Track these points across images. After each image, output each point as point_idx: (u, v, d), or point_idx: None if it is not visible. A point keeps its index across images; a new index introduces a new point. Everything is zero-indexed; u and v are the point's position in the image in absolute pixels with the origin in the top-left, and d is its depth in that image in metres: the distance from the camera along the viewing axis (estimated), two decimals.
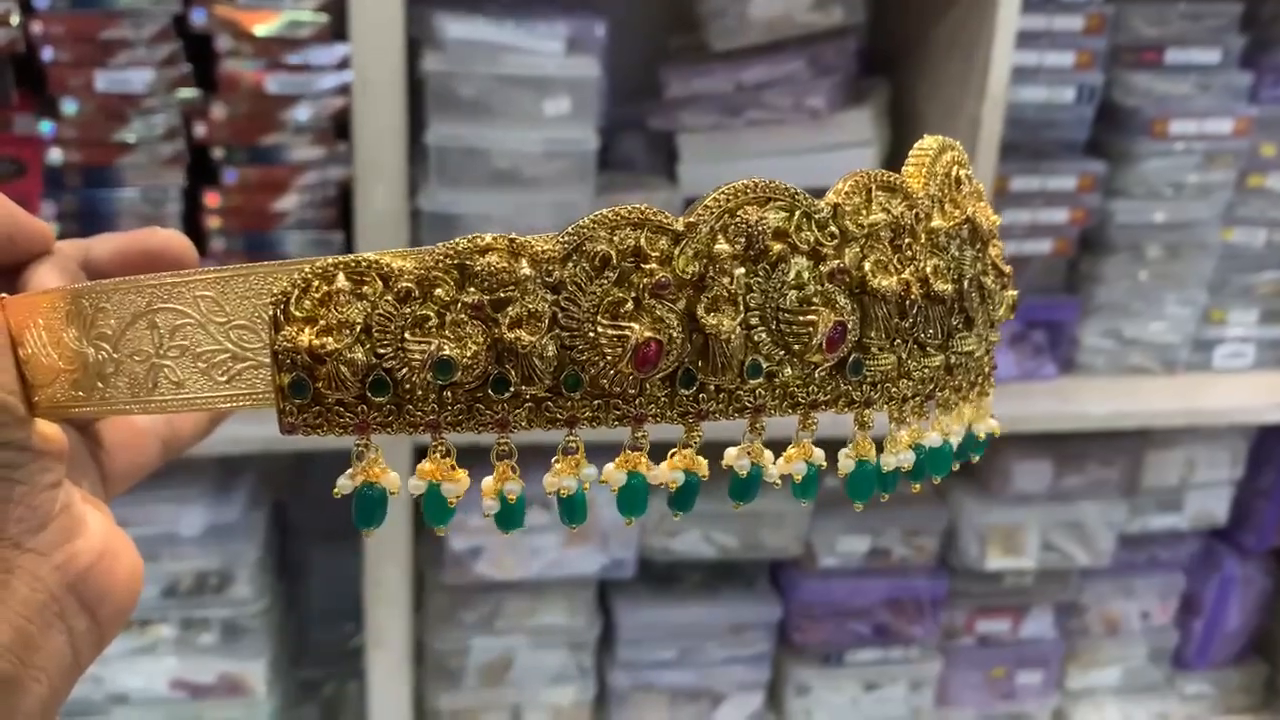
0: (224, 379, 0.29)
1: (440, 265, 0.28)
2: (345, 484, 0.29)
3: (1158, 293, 1.22)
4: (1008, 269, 0.36)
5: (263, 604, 1.13)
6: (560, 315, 0.28)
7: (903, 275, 0.30)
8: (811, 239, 0.29)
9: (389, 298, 0.28)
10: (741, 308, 0.28)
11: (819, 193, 0.30)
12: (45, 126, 0.96)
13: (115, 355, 0.30)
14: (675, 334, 0.28)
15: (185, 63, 0.97)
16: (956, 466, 0.34)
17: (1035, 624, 1.34)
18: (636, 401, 0.28)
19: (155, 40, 0.95)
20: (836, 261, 0.29)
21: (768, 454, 0.30)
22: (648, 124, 1.13)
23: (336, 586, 1.22)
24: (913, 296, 0.30)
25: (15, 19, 0.93)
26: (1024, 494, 1.26)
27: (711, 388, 0.29)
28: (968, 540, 1.27)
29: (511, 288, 0.27)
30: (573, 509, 0.30)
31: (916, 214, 0.31)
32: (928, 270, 0.31)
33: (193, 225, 1.01)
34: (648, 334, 0.28)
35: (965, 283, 0.32)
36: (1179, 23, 1.15)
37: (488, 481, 0.29)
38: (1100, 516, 1.28)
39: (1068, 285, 1.24)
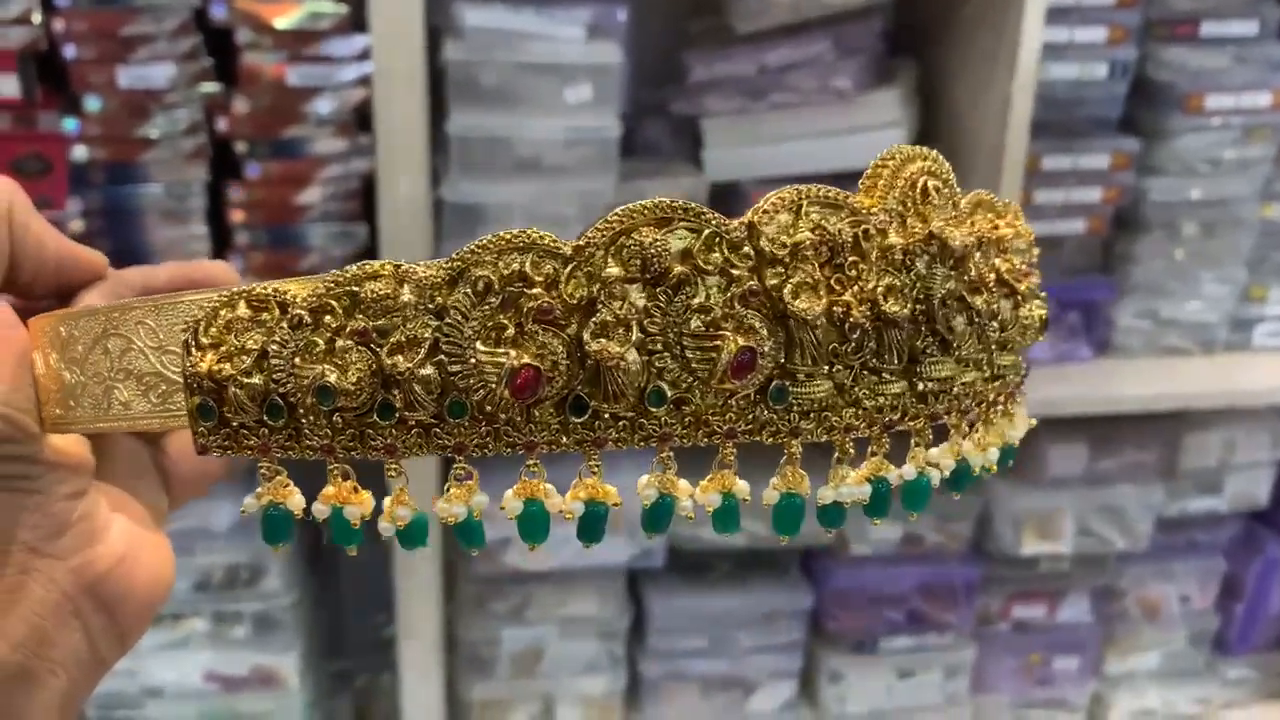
0: (158, 401, 0.30)
1: (331, 292, 0.28)
2: (251, 503, 0.30)
3: (1194, 271, 1.20)
4: (1025, 284, 0.34)
5: (294, 596, 1.14)
6: (442, 341, 0.27)
7: (841, 297, 0.29)
8: (720, 260, 0.28)
9: (284, 324, 0.28)
10: (636, 332, 0.27)
11: (845, 176, 0.29)
12: (69, 124, 0.96)
13: (82, 378, 0.32)
14: (559, 360, 0.27)
15: (206, 57, 0.97)
16: (954, 497, 0.33)
17: (1072, 609, 1.33)
18: (526, 429, 0.28)
19: (176, 35, 0.95)
20: (750, 284, 0.28)
21: (682, 484, 0.29)
22: (671, 109, 1.12)
23: (367, 578, 1.22)
24: (854, 319, 0.29)
25: (37, 17, 0.93)
26: (1059, 478, 1.24)
27: (607, 415, 0.28)
28: (1003, 526, 1.26)
29: (395, 314, 0.28)
30: (468, 534, 0.29)
31: (865, 230, 0.29)
32: (878, 291, 0.29)
33: (216, 219, 1.01)
34: (525, 360, 0.27)
35: (934, 303, 0.30)
36: None
37: (386, 503, 0.30)
38: (1138, 500, 1.26)
39: (1102, 265, 1.22)
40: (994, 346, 0.33)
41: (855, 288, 0.29)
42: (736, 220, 0.28)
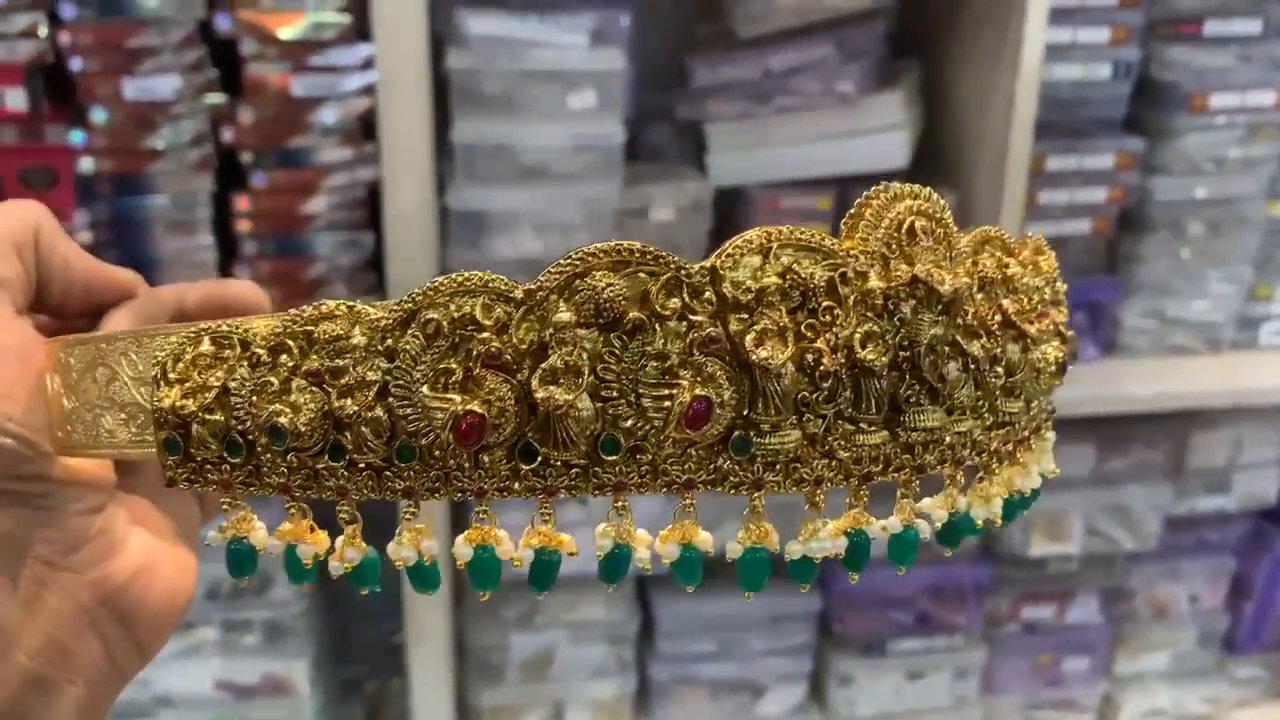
0: (137, 431, 0.31)
1: (289, 331, 0.28)
2: (215, 537, 0.31)
3: (1200, 270, 1.20)
4: (1037, 326, 0.32)
5: (304, 604, 1.14)
6: (392, 384, 0.27)
7: (812, 344, 0.27)
8: (678, 306, 0.27)
9: (244, 363, 0.29)
10: (588, 379, 0.26)
11: (849, 180, 0.28)
12: (76, 136, 0.97)
13: (76, 404, 0.32)
14: (507, 406, 0.27)
15: (211, 68, 0.98)
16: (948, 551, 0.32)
17: (1081, 610, 1.32)
18: (475, 474, 0.27)
19: (181, 47, 0.95)
20: (709, 330, 0.27)
21: (640, 534, 0.29)
22: (675, 114, 1.12)
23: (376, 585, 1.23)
24: (825, 367, 0.27)
25: (43, 31, 0.94)
26: (1067, 478, 1.24)
27: (558, 463, 0.27)
28: (1011, 527, 1.26)
29: (347, 355, 0.28)
30: (422, 578, 0.29)
31: (842, 274, 0.28)
32: (855, 337, 0.28)
33: (223, 229, 1.01)
34: (469, 406, 0.27)
35: (920, 350, 0.28)
36: None
37: (337, 543, 0.30)
38: (1146, 499, 1.26)
39: (1108, 265, 1.22)
40: (998, 393, 0.31)
41: (829, 334, 0.28)
42: (699, 264, 0.27)
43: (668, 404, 0.27)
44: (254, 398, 0.28)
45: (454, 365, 0.27)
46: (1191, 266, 1.19)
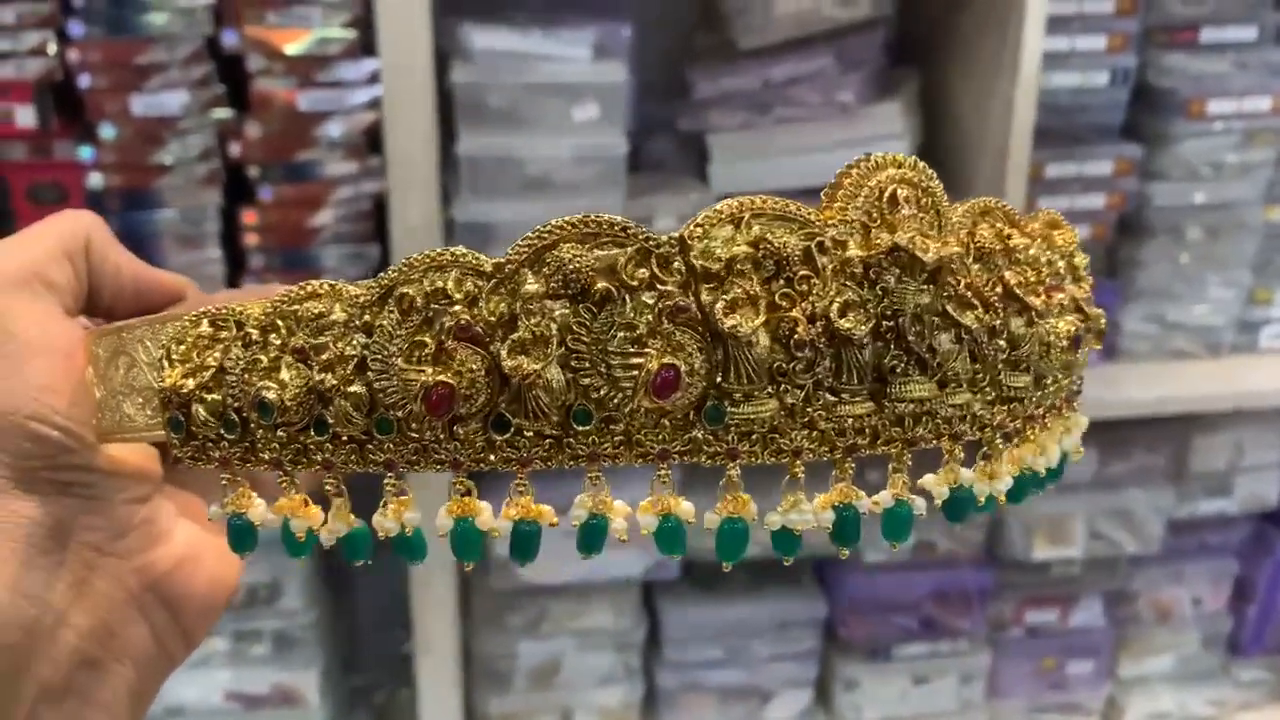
0: (151, 414, 0.32)
1: (279, 311, 0.29)
2: (216, 512, 0.31)
3: (1200, 275, 1.20)
4: (1042, 299, 0.31)
5: (313, 614, 1.15)
6: (370, 359, 0.28)
7: (788, 313, 0.27)
8: (646, 276, 0.27)
9: (239, 342, 0.29)
10: (557, 349, 0.27)
11: None
12: (85, 152, 0.98)
13: (104, 392, 0.33)
14: (478, 377, 0.27)
15: (218, 84, 0.99)
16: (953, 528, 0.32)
17: (1085, 613, 1.33)
18: (451, 446, 0.28)
19: (188, 63, 0.96)
20: (678, 299, 0.27)
21: (618, 505, 0.29)
22: (677, 125, 1.13)
23: (385, 595, 1.23)
24: (800, 336, 0.27)
25: (52, 48, 0.95)
26: (1070, 482, 1.25)
27: (530, 433, 0.27)
28: (1014, 531, 1.26)
29: (328, 332, 0.28)
30: (407, 549, 0.30)
31: (820, 243, 0.28)
32: (832, 307, 0.27)
33: (231, 243, 1.02)
34: (440, 377, 0.27)
35: (904, 320, 0.28)
36: (1213, 1, 1.14)
37: (329, 515, 0.30)
38: (1148, 503, 1.27)
39: (1107, 270, 1.23)
40: (1000, 367, 0.30)
41: (805, 303, 0.27)
42: (668, 234, 0.27)
43: (636, 373, 0.27)
44: (246, 375, 0.29)
45: (427, 339, 0.27)
46: (1191, 271, 1.20)
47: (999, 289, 0.30)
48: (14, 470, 0.32)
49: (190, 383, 0.30)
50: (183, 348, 0.30)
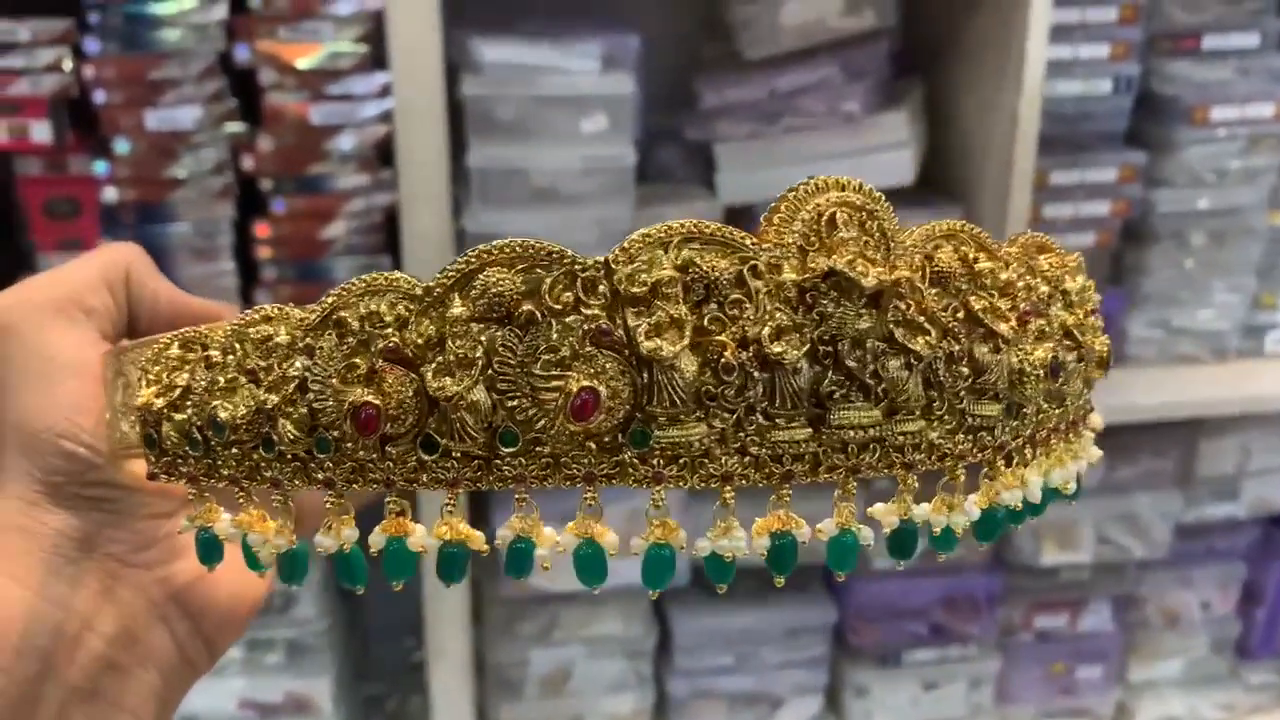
0: (140, 431, 0.33)
1: (237, 334, 0.30)
2: (186, 525, 0.32)
3: (1205, 280, 1.21)
4: (1006, 325, 0.30)
5: (326, 623, 1.16)
6: (310, 380, 0.29)
7: (716, 337, 0.27)
8: (571, 299, 0.27)
9: (202, 364, 0.31)
10: (482, 372, 0.27)
11: None
12: (100, 166, 0.99)
13: (110, 412, 0.35)
14: (406, 398, 0.27)
15: (231, 98, 1.00)
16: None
17: (1093, 618, 1.33)
18: (385, 465, 0.28)
19: (202, 78, 0.98)
20: (600, 323, 0.27)
21: (545, 531, 0.29)
22: (684, 135, 1.14)
23: (396, 603, 1.24)
24: (726, 360, 0.27)
25: (68, 64, 0.96)
26: None
27: (458, 454, 0.28)
28: (1022, 536, 1.27)
29: (275, 354, 0.29)
30: (343, 568, 0.30)
31: (753, 267, 0.27)
32: (764, 331, 0.27)
33: (244, 256, 1.03)
34: (366, 397, 0.28)
35: (843, 345, 0.28)
36: (1215, 8, 1.14)
37: (271, 530, 0.31)
38: (1155, 508, 1.27)
39: (1112, 277, 1.23)
40: (963, 394, 0.29)
41: (735, 328, 0.27)
42: (594, 259, 0.27)
43: (558, 395, 0.27)
44: (206, 395, 0.30)
45: (360, 361, 0.28)
46: (1196, 277, 1.21)
47: (960, 314, 0.29)
48: (44, 484, 0.35)
49: (160, 402, 0.31)
50: (157, 368, 0.32)
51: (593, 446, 0.27)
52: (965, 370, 0.29)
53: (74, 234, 1.02)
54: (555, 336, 0.27)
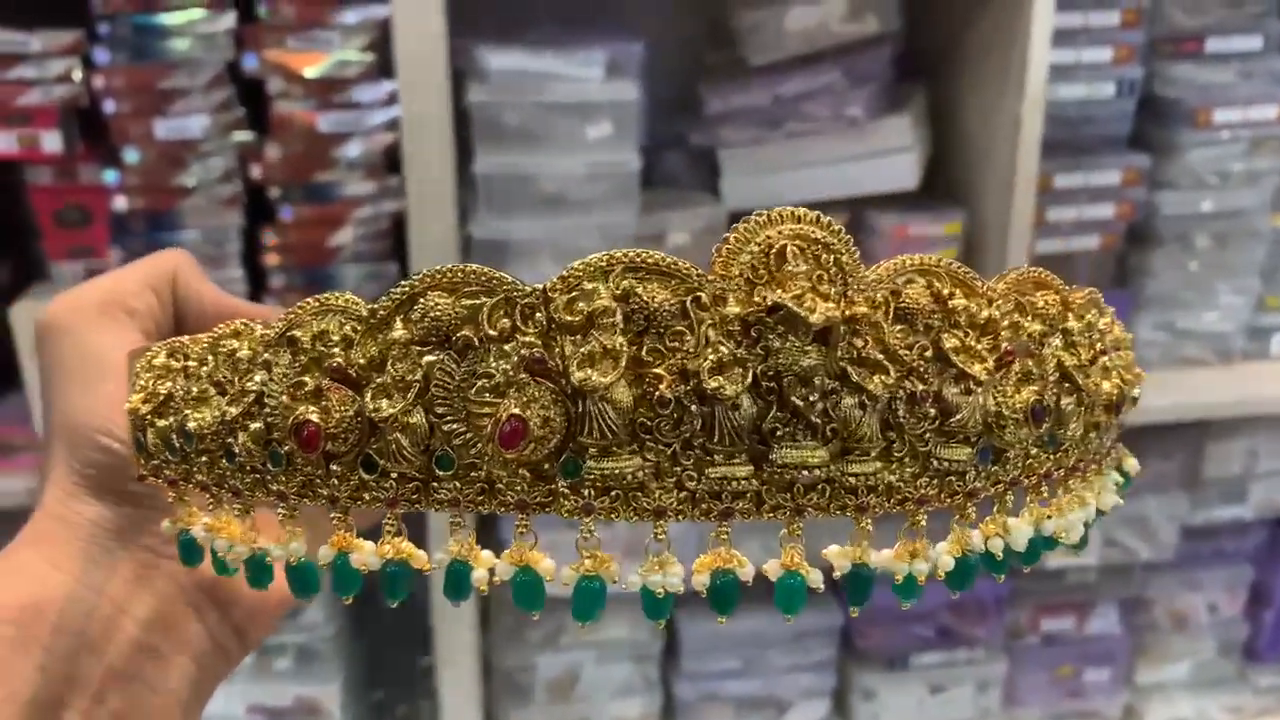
0: (129, 434, 0.34)
1: (211, 346, 0.31)
2: (168, 527, 0.33)
3: (1209, 282, 1.21)
4: (979, 366, 0.29)
5: (334, 628, 1.16)
6: (266, 395, 0.29)
7: (652, 369, 0.27)
8: (508, 326, 0.27)
9: (182, 374, 0.31)
10: (418, 395, 0.27)
11: (860, 201, 0.29)
12: (109, 175, 1.00)
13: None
14: (347, 417, 0.28)
15: (239, 107, 1.01)
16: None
17: (1101, 621, 1.33)
18: (330, 482, 0.29)
19: (210, 87, 0.98)
20: (536, 351, 0.27)
21: (482, 554, 0.29)
22: (689, 141, 1.15)
23: (405, 609, 1.25)
24: (661, 394, 0.26)
25: (78, 74, 0.97)
26: None
27: (395, 475, 0.28)
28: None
29: (238, 368, 0.30)
30: (293, 579, 0.31)
31: (696, 299, 0.27)
32: (704, 365, 0.26)
33: (252, 264, 1.04)
34: (308, 415, 0.28)
35: (787, 381, 0.27)
36: (1217, 11, 1.15)
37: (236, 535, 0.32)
38: (1162, 510, 1.27)
39: (1117, 279, 1.23)
40: (929, 437, 0.28)
41: (674, 360, 0.27)
42: (534, 286, 0.27)
43: (484, 423, 0.27)
44: (182, 404, 0.31)
45: (309, 379, 0.28)
46: (1200, 279, 1.21)
47: (929, 353, 0.28)
48: (83, 477, 0.36)
49: (145, 408, 0.32)
50: (146, 375, 0.33)
51: (526, 474, 0.27)
52: (931, 411, 0.28)
53: (84, 242, 1.02)
54: (491, 363, 0.27)
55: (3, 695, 0.33)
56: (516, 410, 0.27)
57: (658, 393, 0.26)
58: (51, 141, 0.97)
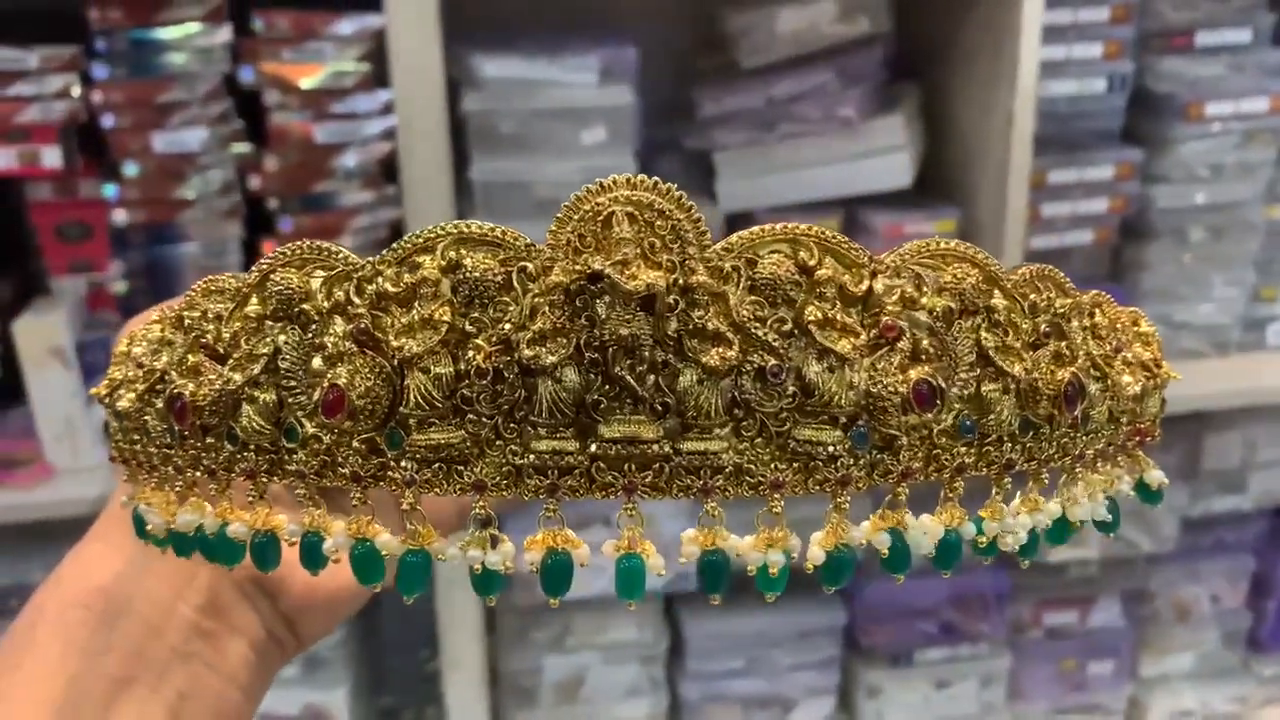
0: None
1: (145, 331, 0.32)
2: (126, 503, 0.34)
3: (1204, 275, 1.22)
4: (848, 342, 0.27)
5: (341, 634, 1.17)
6: (166, 374, 0.30)
7: (472, 339, 0.26)
8: (341, 299, 0.27)
9: (132, 362, 0.32)
10: (266, 368, 0.28)
11: (854, 201, 0.28)
12: (109, 189, 1.01)
13: None
14: (213, 390, 0.28)
15: (237, 119, 1.01)
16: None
17: (1103, 613, 1.34)
18: (209, 456, 0.29)
19: (207, 100, 0.99)
20: (363, 323, 0.27)
21: (335, 524, 0.28)
22: (683, 144, 1.15)
23: (411, 614, 1.25)
24: (478, 363, 0.26)
25: (77, 90, 0.98)
26: None
27: (253, 448, 0.28)
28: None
29: (156, 349, 0.31)
30: (262, 555, 0.30)
31: (523, 269, 0.26)
32: (524, 335, 0.26)
33: None
34: (177, 389, 0.29)
35: (612, 352, 0.26)
36: (1206, 5, 1.15)
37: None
38: (1161, 502, 1.27)
39: (1112, 274, 1.24)
40: (785, 415, 0.27)
41: (494, 331, 0.26)
42: (368, 259, 0.27)
43: (311, 393, 0.27)
44: (122, 389, 0.32)
45: (192, 356, 0.29)
46: (1195, 271, 1.22)
47: (787, 326, 0.26)
48: None
49: (104, 390, 0.33)
50: (114, 360, 0.33)
51: (360, 446, 0.27)
52: (790, 389, 0.26)
53: (85, 256, 1.03)
54: (326, 336, 0.27)
55: (90, 669, 0.35)
56: (340, 380, 0.27)
57: (475, 363, 0.26)
58: (51, 157, 0.98)
